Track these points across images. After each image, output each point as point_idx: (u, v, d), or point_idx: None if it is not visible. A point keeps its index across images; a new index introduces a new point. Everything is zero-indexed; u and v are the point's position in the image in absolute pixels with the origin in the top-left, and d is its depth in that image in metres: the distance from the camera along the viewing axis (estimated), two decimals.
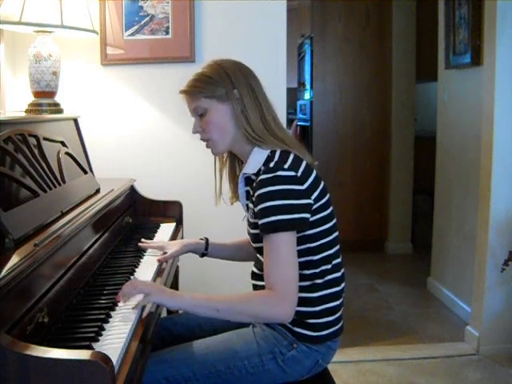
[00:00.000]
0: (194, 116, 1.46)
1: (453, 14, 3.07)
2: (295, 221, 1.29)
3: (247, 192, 1.47)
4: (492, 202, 2.58)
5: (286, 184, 1.30)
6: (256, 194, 1.32)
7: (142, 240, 1.79)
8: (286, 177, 1.30)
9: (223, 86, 1.39)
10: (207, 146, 1.47)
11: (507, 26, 2.50)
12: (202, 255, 1.73)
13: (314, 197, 1.35)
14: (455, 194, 3.21)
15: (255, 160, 1.39)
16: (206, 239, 1.73)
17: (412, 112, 4.32)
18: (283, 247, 1.28)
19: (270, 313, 1.28)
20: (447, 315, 3.17)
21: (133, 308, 1.27)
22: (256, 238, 1.40)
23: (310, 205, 1.34)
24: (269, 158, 1.36)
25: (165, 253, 1.69)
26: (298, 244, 1.33)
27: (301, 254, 1.34)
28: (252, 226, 1.42)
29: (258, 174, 1.36)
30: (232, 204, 1.58)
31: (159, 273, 1.61)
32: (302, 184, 1.33)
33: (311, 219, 1.35)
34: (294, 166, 1.33)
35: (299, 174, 1.33)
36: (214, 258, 1.76)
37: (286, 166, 1.31)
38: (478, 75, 2.80)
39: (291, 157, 1.35)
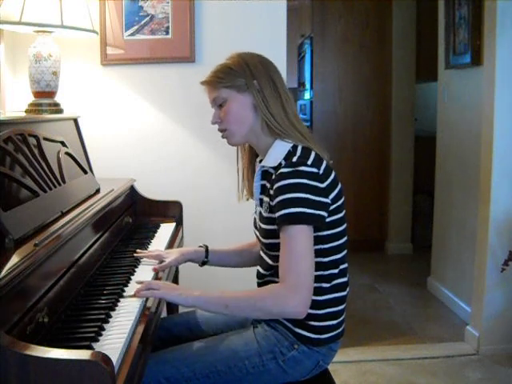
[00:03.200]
0: (213, 107, 1.45)
1: (453, 14, 3.08)
2: (314, 216, 1.28)
3: (262, 186, 1.45)
4: (492, 202, 2.58)
5: (307, 179, 1.29)
6: (275, 187, 1.30)
7: (138, 251, 1.69)
8: (308, 172, 1.29)
9: (243, 76, 1.39)
10: (223, 137, 1.46)
11: (507, 26, 2.50)
12: (203, 264, 1.68)
13: (331, 197, 1.34)
14: (455, 194, 3.21)
15: (276, 153, 1.37)
16: (206, 247, 1.68)
17: (412, 112, 4.32)
18: (300, 239, 1.26)
19: (281, 306, 1.23)
20: (447, 315, 3.17)
21: (136, 295, 1.31)
22: (268, 234, 1.38)
23: (328, 204, 1.33)
24: (290, 153, 1.35)
25: (163, 261, 1.62)
26: None
27: None
28: (265, 220, 1.38)
29: (276, 168, 1.35)
30: (248, 200, 1.55)
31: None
32: (323, 182, 1.32)
33: (327, 220, 1.33)
34: (317, 164, 1.32)
35: (321, 171, 1.32)
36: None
37: (308, 162, 1.31)
38: (478, 75, 2.80)
39: (313, 154, 1.34)
